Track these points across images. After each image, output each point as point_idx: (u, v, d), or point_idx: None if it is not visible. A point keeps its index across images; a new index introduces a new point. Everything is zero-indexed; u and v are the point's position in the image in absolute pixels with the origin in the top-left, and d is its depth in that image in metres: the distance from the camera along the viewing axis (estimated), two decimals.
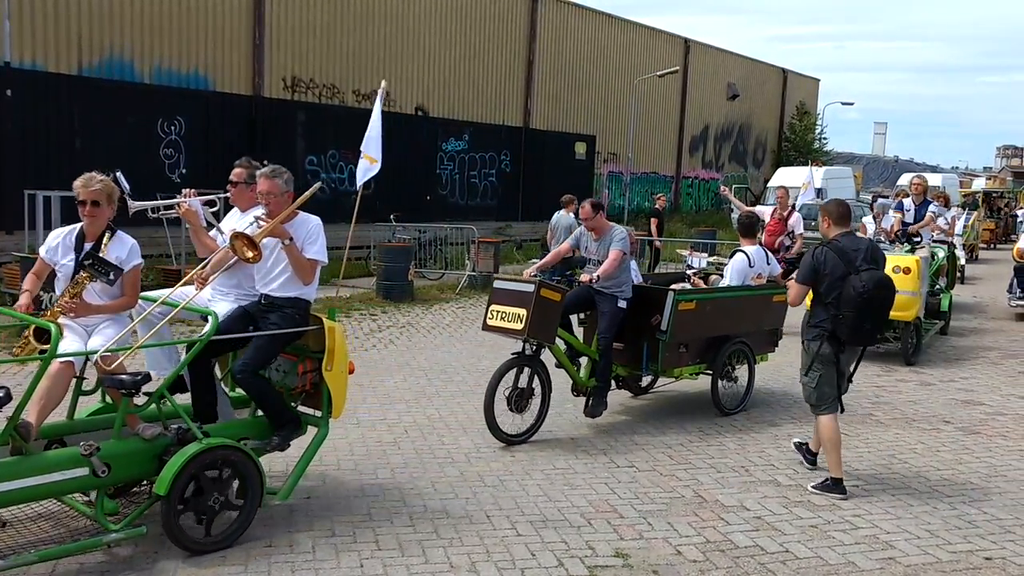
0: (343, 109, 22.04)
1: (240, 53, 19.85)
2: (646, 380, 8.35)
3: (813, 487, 5.97)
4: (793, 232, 11.76)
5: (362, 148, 8.40)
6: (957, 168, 79.21)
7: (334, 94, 21.92)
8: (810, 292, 5.99)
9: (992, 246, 29.43)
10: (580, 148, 29.58)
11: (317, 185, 5.52)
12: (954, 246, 14.32)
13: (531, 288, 6.65)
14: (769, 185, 31.41)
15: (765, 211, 12.04)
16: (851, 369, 6.14)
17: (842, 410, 6.09)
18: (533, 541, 4.99)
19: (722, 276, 8.79)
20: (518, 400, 6.82)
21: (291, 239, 5.08)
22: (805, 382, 6.01)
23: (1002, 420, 8.09)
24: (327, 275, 16.41)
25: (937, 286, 12.38)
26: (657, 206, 20.74)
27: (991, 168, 78.75)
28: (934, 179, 35.10)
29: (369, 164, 8.43)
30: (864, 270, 5.67)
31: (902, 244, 11.37)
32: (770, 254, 8.81)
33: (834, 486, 5.90)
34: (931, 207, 12.57)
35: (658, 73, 30.15)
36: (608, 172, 31.99)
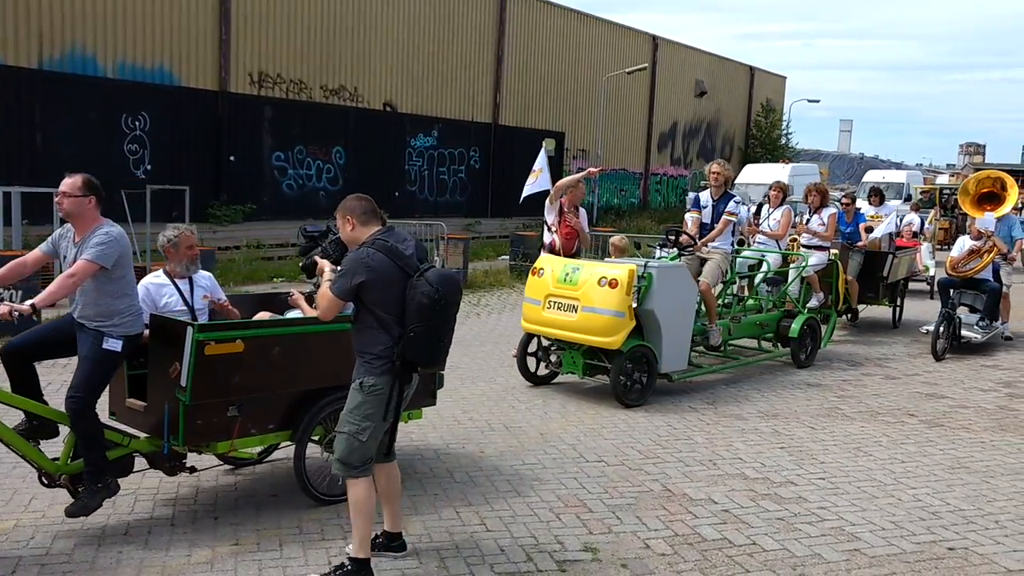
0: (310, 105, 21.89)
1: (206, 48, 19.65)
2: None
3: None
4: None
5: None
6: (921, 165, 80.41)
7: (301, 89, 21.77)
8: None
9: (948, 247, 29.60)
10: (549, 145, 29.58)
11: None
12: (860, 249, 11.94)
13: None
14: (737, 182, 31.67)
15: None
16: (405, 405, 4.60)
17: (392, 456, 4.65)
18: (502, 536, 4.98)
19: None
20: None
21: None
22: (350, 433, 4.27)
23: (965, 413, 8.21)
24: (296, 272, 16.32)
25: (812, 303, 10.63)
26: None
27: (954, 165, 79.97)
28: (898, 176, 35.60)
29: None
30: (427, 269, 4.30)
31: (669, 250, 9.47)
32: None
33: (357, 571, 4.29)
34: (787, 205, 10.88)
35: (627, 70, 30.26)
36: (577, 169, 32.04)
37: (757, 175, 30.14)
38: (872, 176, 36.11)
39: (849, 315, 12.25)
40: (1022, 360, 10.76)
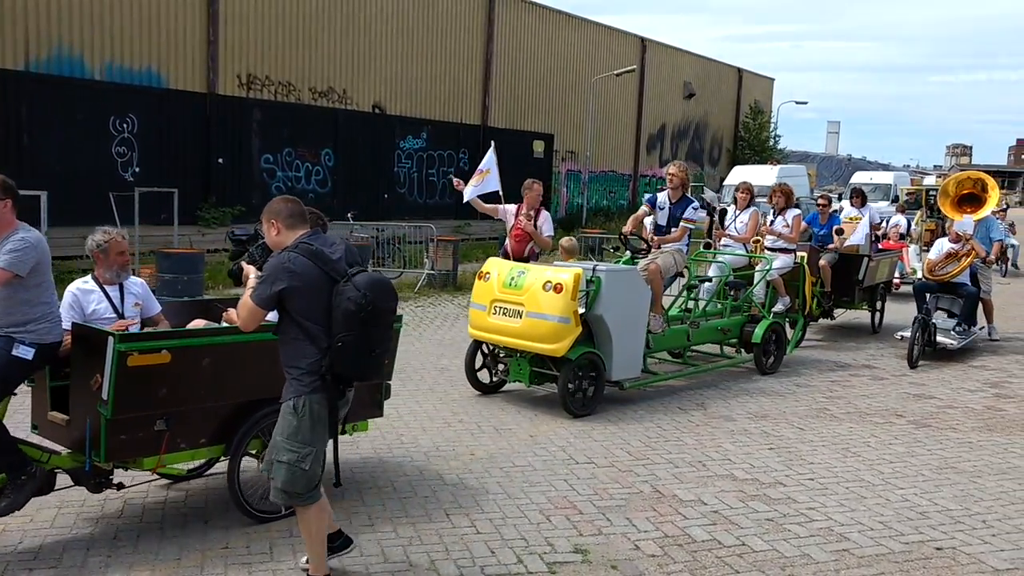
0: (299, 107, 21.86)
1: (194, 49, 19.59)
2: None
3: None
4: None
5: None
6: (908, 166, 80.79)
7: (290, 91, 21.73)
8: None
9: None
10: (538, 146, 29.64)
11: None
12: (823, 252, 11.67)
13: None
14: (726, 183, 31.76)
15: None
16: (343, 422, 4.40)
17: (338, 483, 4.33)
18: (493, 538, 4.99)
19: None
20: None
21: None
22: (290, 462, 4.01)
23: (952, 413, 8.25)
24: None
25: (777, 308, 10.24)
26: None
27: (941, 166, 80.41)
28: (886, 177, 35.77)
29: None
30: (355, 274, 3.98)
31: (625, 252, 9.18)
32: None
33: None
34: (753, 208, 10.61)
35: (615, 72, 30.31)
36: (566, 171, 32.10)
37: (745, 177, 30.21)
38: (860, 177, 36.27)
39: (823, 315, 11.79)
40: (1009, 361, 10.83)
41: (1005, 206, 30.63)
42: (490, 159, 10.48)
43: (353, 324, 3.89)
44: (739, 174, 30.35)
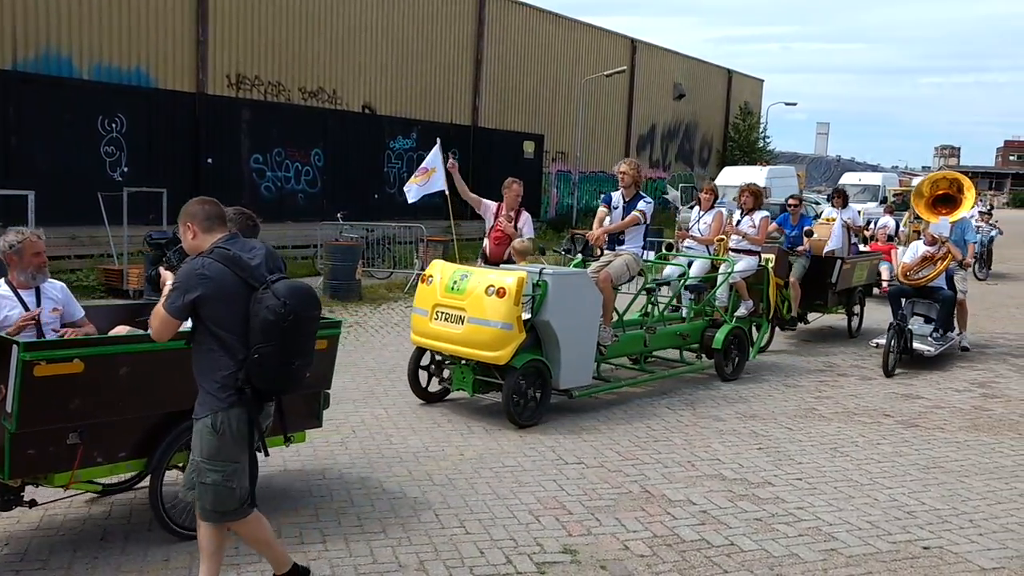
0: (289, 107, 21.80)
1: (183, 49, 19.50)
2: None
3: None
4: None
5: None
6: (897, 167, 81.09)
7: (280, 91, 21.66)
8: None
9: None
10: (528, 147, 29.64)
11: None
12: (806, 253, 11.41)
13: None
14: (716, 183, 31.83)
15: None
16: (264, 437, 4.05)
17: (253, 504, 3.98)
18: (482, 539, 4.99)
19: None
20: None
21: None
22: (215, 483, 3.79)
23: (940, 413, 8.29)
24: None
25: (740, 312, 9.89)
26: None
27: (930, 167, 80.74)
28: (874, 178, 35.90)
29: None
30: (275, 281, 3.75)
31: (574, 255, 8.83)
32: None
33: None
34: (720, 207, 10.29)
35: (605, 73, 30.34)
36: (557, 171, 32.11)
37: (735, 178, 30.31)
38: (848, 178, 36.39)
39: (791, 324, 11.45)
40: (996, 361, 10.88)
41: (990, 207, 30.80)
42: (435, 156, 9.92)
43: (272, 334, 3.65)
44: (729, 175, 30.46)
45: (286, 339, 3.67)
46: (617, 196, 8.81)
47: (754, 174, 29.85)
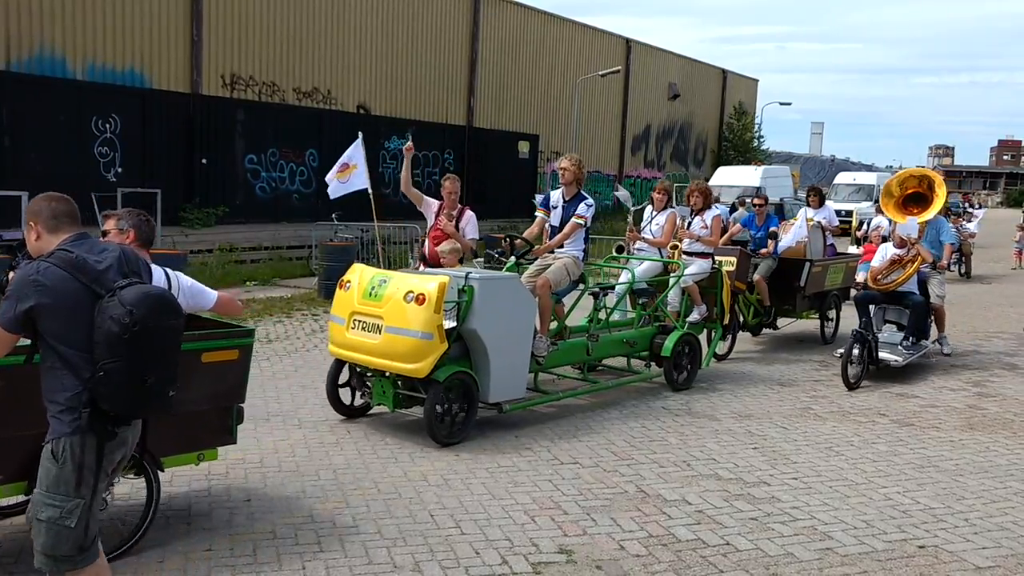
0: (283, 107, 21.77)
1: (177, 49, 19.47)
2: None
3: None
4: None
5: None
6: (891, 167, 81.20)
7: (274, 92, 21.63)
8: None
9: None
10: (523, 147, 29.65)
11: None
12: (764, 256, 10.93)
13: None
14: (711, 184, 31.88)
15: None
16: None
17: (96, 552, 3.43)
18: (477, 539, 4.98)
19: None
20: None
21: None
22: (51, 520, 3.25)
23: (935, 412, 8.30)
24: (269, 275, 16.24)
25: (693, 317, 9.41)
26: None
27: (924, 167, 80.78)
28: (869, 177, 35.97)
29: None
30: (124, 287, 3.23)
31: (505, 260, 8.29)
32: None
33: None
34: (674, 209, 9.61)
35: (600, 73, 30.35)
36: (551, 171, 32.11)
37: (730, 178, 30.37)
38: (843, 178, 36.48)
39: (757, 329, 11.14)
40: (991, 360, 10.90)
41: (979, 206, 30.75)
42: (356, 151, 9.09)
43: (117, 348, 3.14)
44: (723, 175, 30.51)
45: (134, 353, 3.16)
46: (557, 195, 8.19)
47: (749, 174, 29.92)
